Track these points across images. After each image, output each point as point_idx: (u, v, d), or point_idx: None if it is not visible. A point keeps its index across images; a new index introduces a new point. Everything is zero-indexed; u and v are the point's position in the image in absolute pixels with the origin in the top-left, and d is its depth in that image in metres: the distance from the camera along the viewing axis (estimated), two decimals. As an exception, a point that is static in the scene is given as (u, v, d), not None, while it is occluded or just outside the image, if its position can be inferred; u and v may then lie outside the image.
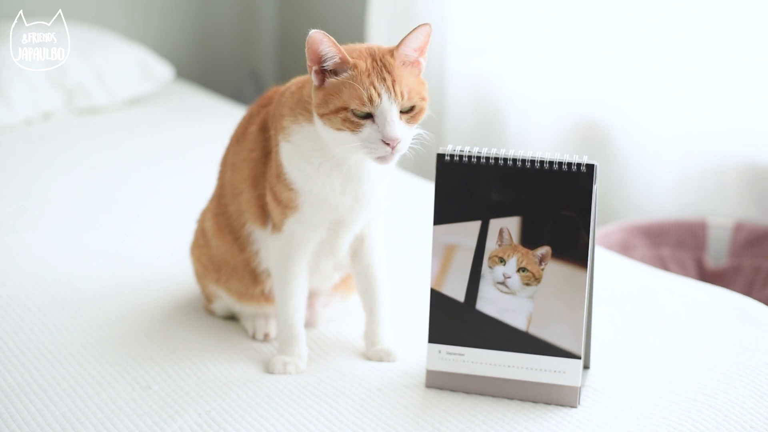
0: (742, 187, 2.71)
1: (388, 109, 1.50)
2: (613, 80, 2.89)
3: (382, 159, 1.52)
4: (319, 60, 1.52)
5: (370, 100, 1.49)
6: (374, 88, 1.49)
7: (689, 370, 1.68)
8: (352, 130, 1.51)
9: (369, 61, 1.52)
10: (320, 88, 1.53)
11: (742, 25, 2.61)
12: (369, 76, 1.50)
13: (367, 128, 1.50)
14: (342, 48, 1.52)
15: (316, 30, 1.49)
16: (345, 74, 1.51)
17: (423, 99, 1.55)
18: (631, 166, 2.87)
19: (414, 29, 1.53)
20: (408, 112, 1.53)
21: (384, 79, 1.50)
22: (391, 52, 1.54)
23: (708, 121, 2.72)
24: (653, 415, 1.55)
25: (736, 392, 1.62)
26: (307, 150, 1.60)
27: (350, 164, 1.60)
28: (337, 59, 1.51)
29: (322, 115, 1.53)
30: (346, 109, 1.50)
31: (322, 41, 1.50)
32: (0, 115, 3.11)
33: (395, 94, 1.50)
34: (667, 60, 2.74)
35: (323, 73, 1.53)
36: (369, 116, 1.50)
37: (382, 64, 1.52)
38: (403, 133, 1.51)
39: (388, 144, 1.50)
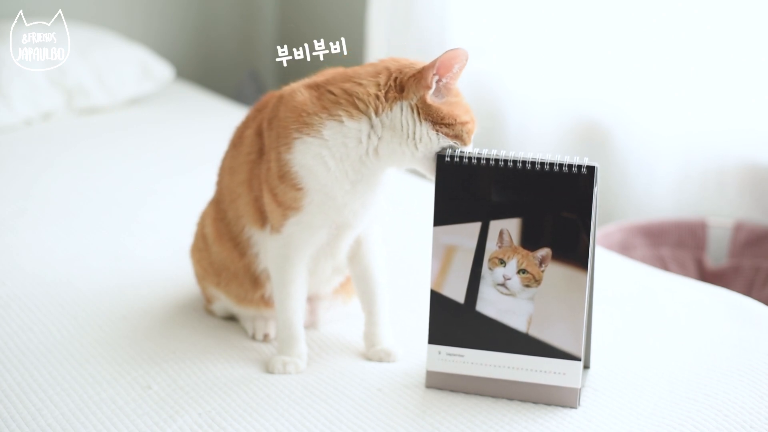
0: (742, 187, 2.71)
1: None
2: (613, 80, 2.89)
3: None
4: (443, 74, 1.58)
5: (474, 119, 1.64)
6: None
7: (689, 371, 1.68)
8: (467, 142, 1.61)
9: None
10: (431, 101, 1.58)
11: (742, 25, 2.61)
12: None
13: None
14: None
15: (465, 49, 1.55)
16: (455, 97, 1.61)
17: None
18: (631, 166, 2.87)
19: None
20: None
21: None
22: None
23: (708, 121, 2.72)
24: (653, 415, 1.55)
25: (736, 392, 1.62)
26: (336, 145, 1.60)
27: (372, 166, 1.62)
28: (451, 81, 1.59)
29: (441, 125, 1.58)
30: (470, 122, 1.61)
31: (463, 62, 1.56)
32: (0, 115, 3.11)
33: None
34: (667, 60, 2.74)
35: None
36: None
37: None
38: None
39: None
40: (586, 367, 1.68)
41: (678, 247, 2.75)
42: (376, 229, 1.78)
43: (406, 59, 1.64)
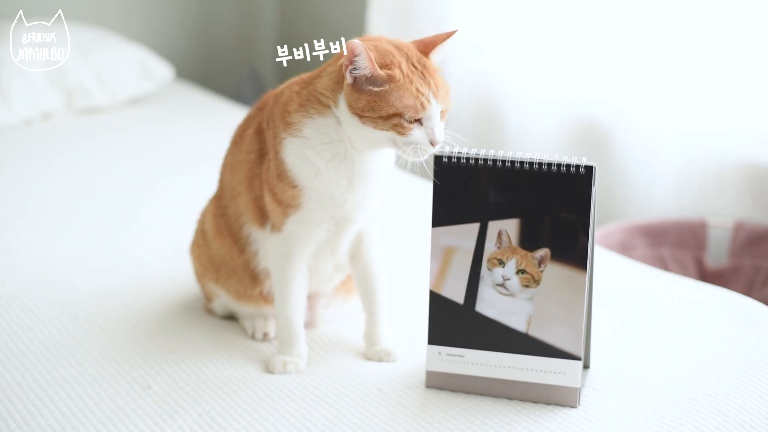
0: (742, 187, 2.71)
1: (435, 113, 1.54)
2: (613, 80, 2.89)
3: (422, 156, 1.56)
4: (348, 66, 1.53)
5: (422, 107, 1.52)
6: (422, 95, 1.52)
7: (689, 370, 1.68)
8: (402, 134, 1.53)
9: (404, 64, 1.54)
10: (356, 90, 1.53)
11: (742, 25, 2.61)
12: (412, 82, 1.52)
13: (417, 131, 1.53)
14: (374, 57, 1.52)
15: (358, 42, 1.49)
16: (384, 86, 1.52)
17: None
18: (631, 166, 2.87)
19: (446, 36, 1.59)
20: (443, 111, 1.57)
21: (429, 84, 1.54)
22: (424, 53, 1.57)
23: (708, 121, 2.72)
24: (653, 415, 1.56)
25: (736, 392, 1.62)
26: (319, 144, 1.60)
27: (360, 159, 1.61)
28: (367, 73, 1.51)
29: (363, 117, 1.53)
30: (399, 115, 1.52)
31: (360, 54, 1.50)
32: (0, 115, 3.11)
33: (439, 99, 1.54)
34: (667, 60, 2.74)
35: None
36: (417, 120, 1.53)
37: (422, 67, 1.55)
38: (443, 133, 1.56)
39: (433, 145, 1.54)
40: (586, 367, 1.68)
41: (678, 247, 2.75)
42: (376, 228, 1.78)
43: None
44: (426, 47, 1.59)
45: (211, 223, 1.84)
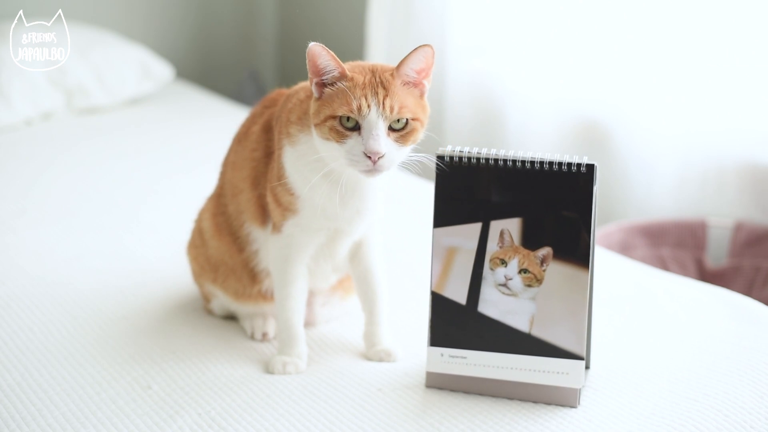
0: (742, 187, 2.71)
1: (375, 122, 1.50)
2: (613, 80, 2.89)
3: (366, 173, 1.52)
4: (320, 73, 1.53)
5: (359, 110, 1.50)
6: (365, 99, 1.50)
7: (689, 370, 1.68)
8: (338, 141, 1.52)
9: (368, 76, 1.53)
10: (318, 99, 1.55)
11: (741, 25, 2.61)
12: (363, 88, 1.51)
13: (352, 140, 1.51)
14: (342, 63, 1.54)
15: (315, 43, 1.50)
16: (340, 84, 1.52)
17: (416, 119, 1.54)
18: (631, 166, 2.88)
19: (415, 49, 1.53)
20: (399, 130, 1.53)
21: (377, 93, 1.51)
22: (393, 71, 1.54)
23: (708, 121, 2.72)
24: (653, 415, 1.56)
25: (736, 392, 1.62)
26: (313, 160, 1.60)
27: (348, 178, 1.59)
28: (336, 73, 1.52)
29: (315, 125, 1.55)
30: (334, 117, 1.51)
31: (320, 54, 1.51)
32: (0, 115, 3.11)
33: (384, 108, 1.50)
34: (667, 60, 2.74)
35: (323, 86, 1.54)
36: (357, 129, 1.51)
37: (380, 79, 1.53)
38: (388, 148, 1.51)
39: (369, 157, 1.50)
40: (587, 367, 1.68)
41: (678, 247, 2.75)
42: (377, 231, 1.78)
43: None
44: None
45: (210, 221, 1.84)
